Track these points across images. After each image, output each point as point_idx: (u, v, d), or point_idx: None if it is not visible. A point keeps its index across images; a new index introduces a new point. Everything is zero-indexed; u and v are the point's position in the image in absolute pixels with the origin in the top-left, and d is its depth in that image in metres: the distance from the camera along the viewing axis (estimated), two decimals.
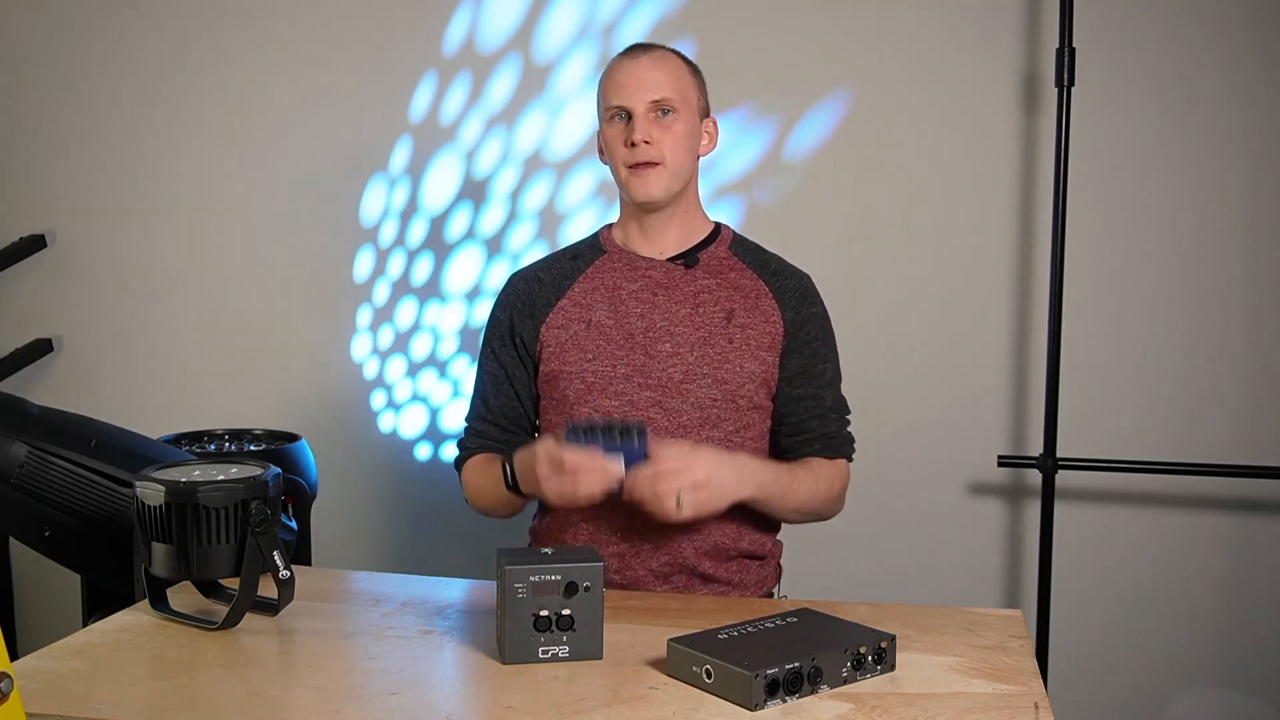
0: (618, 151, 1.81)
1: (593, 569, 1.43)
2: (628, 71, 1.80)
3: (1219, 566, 2.57)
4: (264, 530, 1.53)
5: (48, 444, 1.78)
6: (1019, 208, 2.59)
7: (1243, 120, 2.48)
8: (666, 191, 1.81)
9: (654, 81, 1.79)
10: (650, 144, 1.77)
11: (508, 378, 1.89)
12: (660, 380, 1.80)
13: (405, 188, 2.86)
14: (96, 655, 1.46)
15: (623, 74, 1.80)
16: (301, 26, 2.88)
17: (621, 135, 1.80)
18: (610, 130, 1.82)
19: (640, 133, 1.77)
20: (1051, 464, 2.46)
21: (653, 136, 1.78)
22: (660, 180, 1.80)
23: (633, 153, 1.78)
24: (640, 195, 1.81)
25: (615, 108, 1.80)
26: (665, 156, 1.79)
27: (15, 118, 3.06)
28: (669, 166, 1.80)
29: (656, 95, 1.78)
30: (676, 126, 1.79)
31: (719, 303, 1.84)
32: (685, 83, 1.82)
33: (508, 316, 1.90)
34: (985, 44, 2.56)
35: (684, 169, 1.82)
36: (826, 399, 1.87)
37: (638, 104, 1.78)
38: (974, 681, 1.39)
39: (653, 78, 1.79)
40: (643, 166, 1.79)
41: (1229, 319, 2.53)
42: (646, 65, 1.80)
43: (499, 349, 1.90)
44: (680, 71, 1.82)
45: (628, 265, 1.87)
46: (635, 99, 1.78)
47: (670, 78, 1.80)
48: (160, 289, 3.02)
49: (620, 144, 1.80)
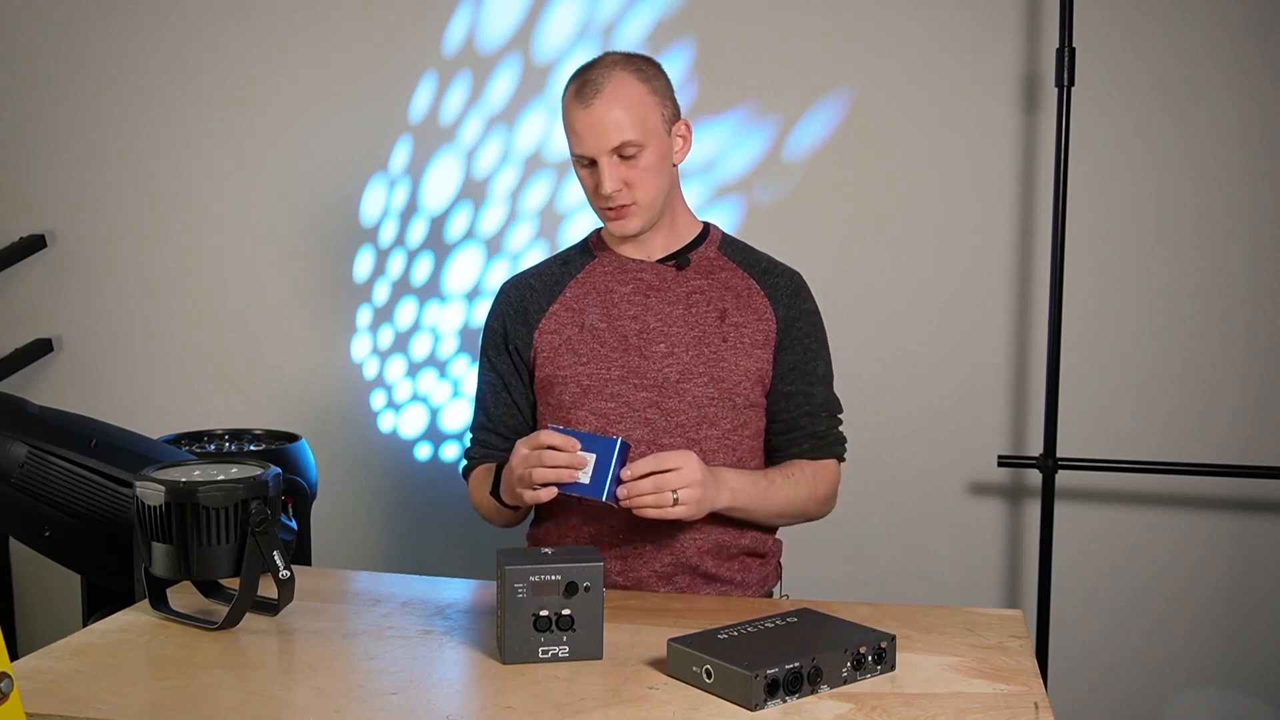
0: (591, 196, 1.80)
1: (593, 569, 1.43)
2: (583, 121, 1.73)
3: (1219, 566, 2.57)
4: (264, 530, 1.53)
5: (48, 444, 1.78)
6: (1019, 208, 2.59)
7: (1243, 120, 2.48)
8: (643, 225, 1.81)
9: (612, 125, 1.72)
10: (620, 190, 1.75)
11: (505, 386, 1.89)
12: (656, 381, 1.80)
13: (405, 188, 2.86)
14: (96, 655, 1.47)
15: (579, 123, 1.73)
16: (301, 26, 2.88)
17: (591, 180, 1.78)
18: (580, 170, 1.80)
19: (609, 184, 1.74)
20: (1051, 464, 2.46)
21: (620, 182, 1.75)
22: (636, 219, 1.79)
23: (605, 199, 1.77)
24: (619, 233, 1.82)
25: (578, 156, 1.77)
26: (636, 197, 1.77)
27: (15, 118, 3.06)
28: (642, 203, 1.78)
29: (616, 141, 1.72)
30: (644, 160, 1.75)
31: (711, 302, 1.84)
32: (646, 109, 1.74)
33: (501, 325, 1.90)
34: (985, 44, 2.56)
35: (659, 196, 1.80)
36: (817, 396, 1.87)
37: (599, 152, 1.74)
38: (974, 681, 1.39)
39: (610, 122, 1.72)
40: (615, 210, 1.78)
41: (1229, 319, 2.53)
42: (600, 109, 1.72)
43: (494, 358, 1.90)
44: (637, 99, 1.73)
45: (618, 268, 1.87)
46: (596, 148, 1.74)
47: (629, 115, 1.72)
48: (160, 289, 3.02)
49: (590, 189, 1.79)
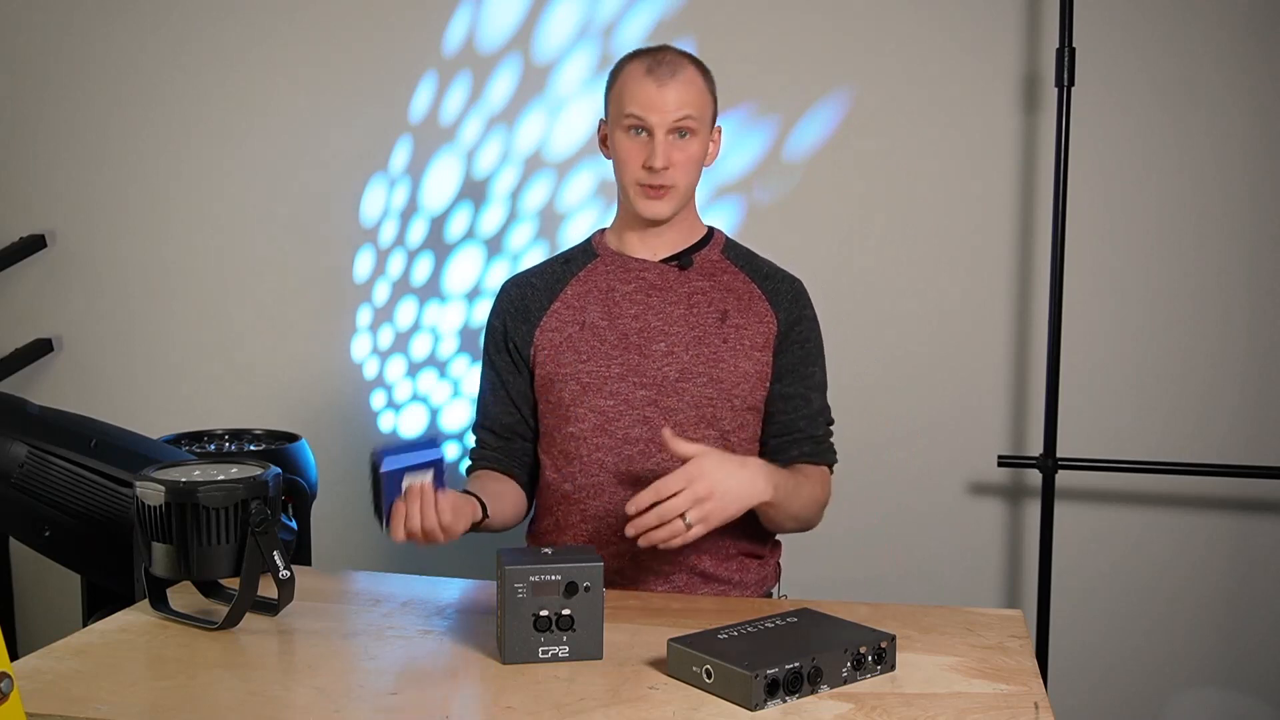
0: (632, 167, 1.78)
1: (593, 569, 1.43)
2: (655, 91, 1.74)
3: (1219, 566, 2.57)
4: (264, 530, 1.53)
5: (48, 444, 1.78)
6: (1019, 208, 2.59)
7: (1243, 120, 2.48)
8: (674, 211, 1.81)
9: (682, 101, 1.75)
10: (668, 169, 1.76)
11: (503, 384, 1.89)
12: (656, 379, 1.80)
13: (405, 188, 2.86)
14: (96, 655, 1.46)
15: (649, 91, 1.75)
16: (301, 26, 2.88)
17: (638, 151, 1.77)
18: (625, 140, 1.78)
19: (661, 158, 1.74)
20: (1051, 464, 2.46)
21: (670, 160, 1.76)
22: (670, 203, 1.80)
23: (650, 175, 1.77)
24: (649, 214, 1.80)
25: (636, 119, 1.76)
26: (678, 180, 1.78)
27: (15, 118, 3.06)
28: (680, 189, 1.79)
29: (679, 115, 1.75)
30: (692, 148, 1.77)
31: (713, 303, 1.84)
32: (705, 101, 1.79)
33: (502, 324, 1.89)
34: (985, 44, 2.56)
35: (692, 187, 1.82)
36: (814, 402, 1.87)
37: (660, 125, 1.75)
38: (974, 681, 1.39)
39: (680, 98, 1.75)
40: (656, 189, 1.78)
41: (1229, 319, 2.53)
42: (675, 86, 1.75)
43: (494, 356, 1.90)
44: (703, 90, 1.79)
45: (620, 267, 1.87)
46: (659, 119, 1.75)
47: (695, 98, 1.77)
48: (160, 289, 3.02)
49: (636, 161, 1.77)
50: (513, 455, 1.90)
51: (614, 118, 1.81)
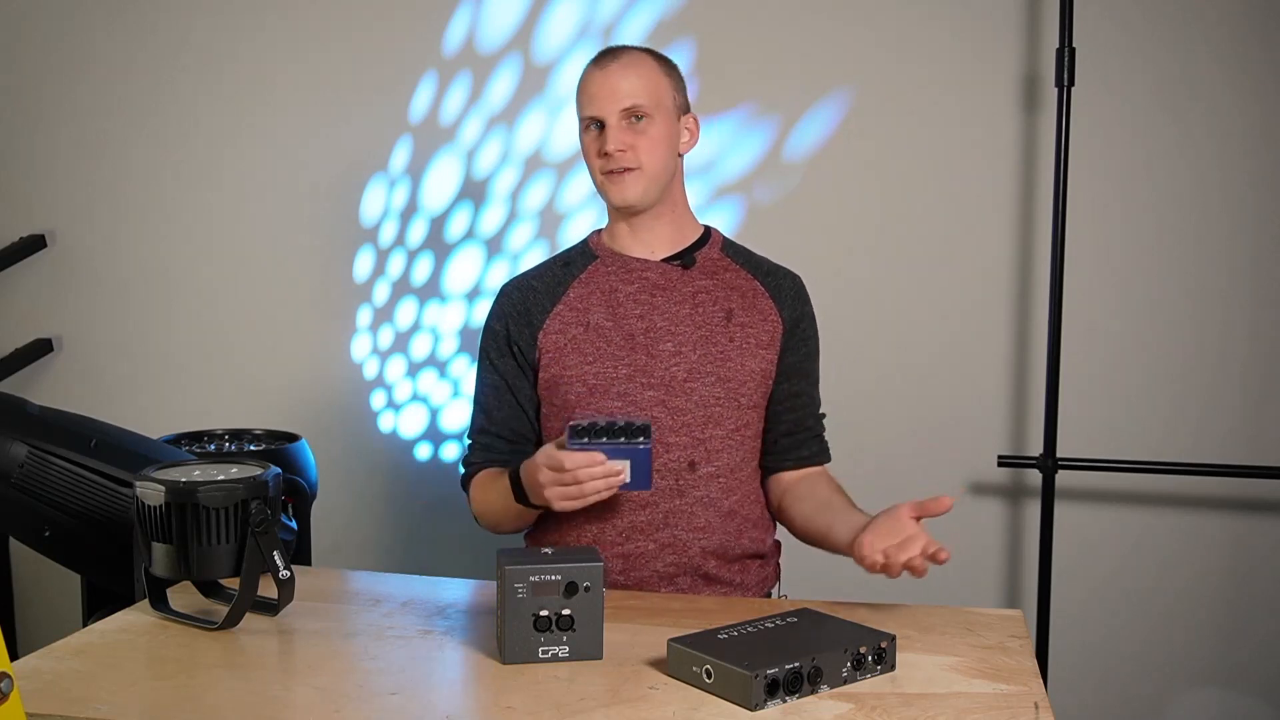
0: (592, 160, 1.81)
1: (593, 569, 1.43)
2: (598, 81, 1.79)
3: (1219, 566, 2.57)
4: (264, 530, 1.53)
5: (48, 444, 1.78)
6: (1019, 208, 2.59)
7: (1243, 120, 2.48)
8: (644, 194, 1.80)
9: (625, 89, 1.77)
10: (624, 151, 1.77)
11: (509, 388, 1.87)
12: (663, 379, 1.80)
13: (405, 188, 2.86)
14: (96, 655, 1.46)
15: (593, 84, 1.79)
16: (301, 27, 2.88)
17: (595, 144, 1.80)
18: (586, 139, 1.82)
19: (612, 142, 1.76)
20: (1051, 464, 2.46)
21: (625, 143, 1.77)
22: (637, 185, 1.79)
23: (606, 161, 1.78)
24: (617, 200, 1.81)
25: (588, 118, 1.80)
26: (641, 161, 1.78)
27: (15, 118, 3.06)
28: (645, 170, 1.79)
29: (628, 103, 1.76)
30: (652, 130, 1.78)
31: (717, 302, 1.84)
32: (658, 84, 1.80)
33: (503, 326, 1.88)
34: (985, 44, 2.56)
35: (663, 171, 1.81)
36: (816, 399, 1.92)
37: (609, 113, 1.77)
38: (974, 681, 1.39)
39: (624, 85, 1.77)
40: (617, 173, 1.79)
41: (1229, 319, 2.53)
42: (616, 73, 1.78)
43: (497, 359, 1.88)
44: (653, 73, 1.80)
45: (622, 268, 1.86)
46: (606, 108, 1.77)
47: (642, 82, 1.78)
48: (161, 289, 3.02)
49: (594, 153, 1.80)
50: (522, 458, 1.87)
51: (579, 123, 1.84)
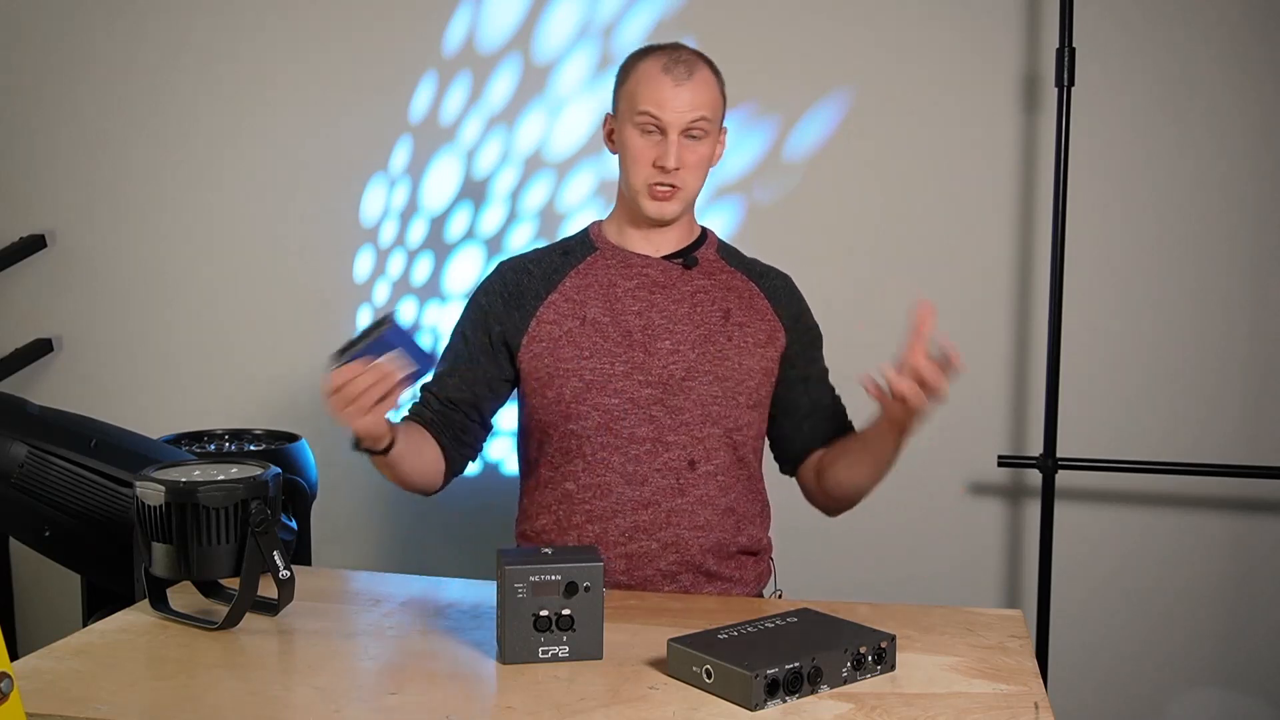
0: (642, 166, 1.78)
1: (593, 569, 1.43)
2: (672, 90, 1.75)
3: (1219, 566, 2.57)
4: (264, 530, 1.53)
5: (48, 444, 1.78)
6: (1019, 208, 2.59)
7: (1243, 120, 2.48)
8: (679, 213, 1.82)
9: (698, 103, 1.75)
10: (680, 170, 1.76)
11: (468, 359, 1.85)
12: (661, 377, 1.80)
13: (405, 188, 2.86)
14: (96, 655, 1.47)
15: (665, 89, 1.75)
16: (301, 27, 2.87)
17: (650, 150, 1.77)
18: (637, 138, 1.78)
19: (674, 159, 1.75)
20: (1051, 464, 2.46)
21: (682, 161, 1.76)
22: (678, 204, 1.80)
23: (660, 175, 1.77)
24: (656, 215, 1.80)
25: (650, 118, 1.76)
26: (686, 181, 1.78)
27: (15, 118, 3.06)
28: (688, 190, 1.80)
29: (697, 115, 1.75)
30: (702, 149, 1.78)
31: (716, 302, 1.85)
32: (718, 102, 1.80)
33: (488, 303, 1.86)
34: (985, 44, 2.56)
35: (698, 189, 1.83)
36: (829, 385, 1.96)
37: (674, 125, 1.75)
38: (974, 681, 1.40)
39: (697, 99, 1.76)
40: (665, 190, 1.78)
41: (1230, 318, 2.53)
42: (692, 87, 1.75)
43: (469, 332, 1.87)
44: (717, 92, 1.80)
45: (621, 263, 1.86)
46: (674, 119, 1.75)
47: (710, 100, 1.77)
48: (160, 289, 3.02)
49: (647, 160, 1.77)
50: (448, 423, 1.85)
51: (625, 114, 1.80)
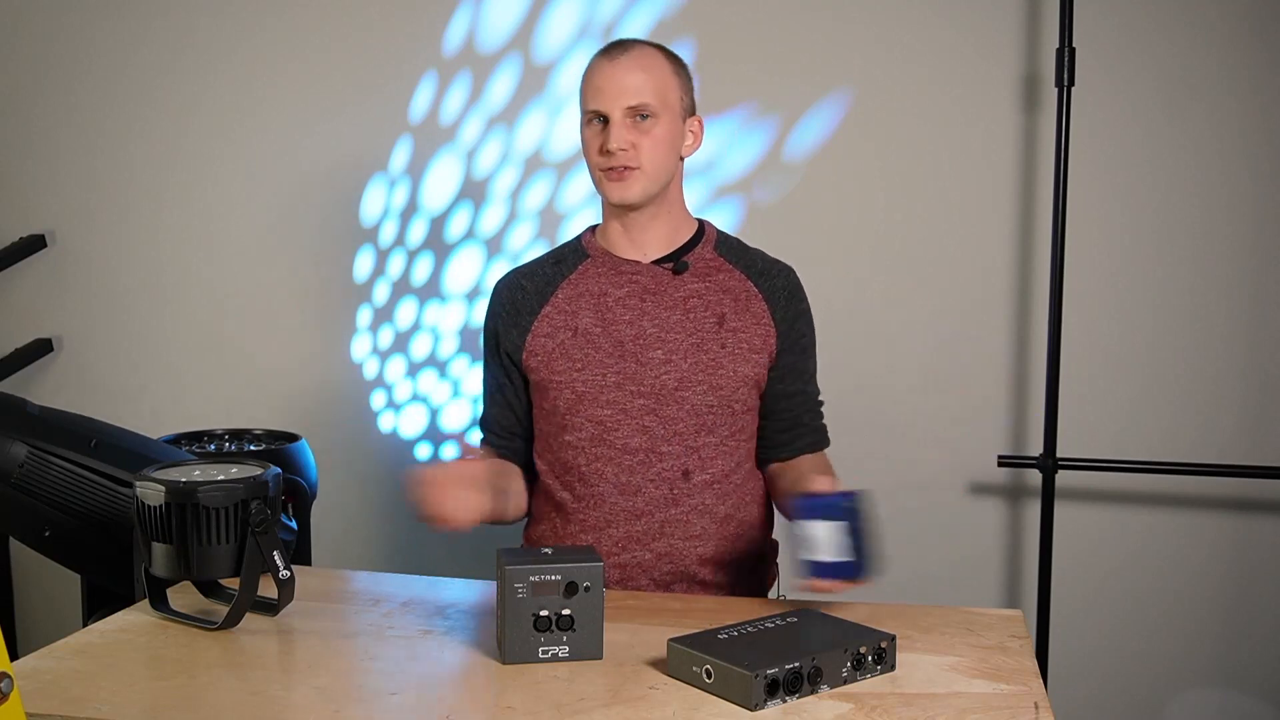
0: (592, 155, 1.77)
1: (593, 569, 1.43)
2: (605, 75, 1.74)
3: (1220, 566, 2.57)
4: (264, 530, 1.53)
5: (48, 444, 1.78)
6: (1019, 208, 2.59)
7: (1244, 119, 2.48)
8: (643, 194, 1.76)
9: (633, 86, 1.72)
10: (626, 150, 1.72)
11: (499, 386, 1.89)
12: (653, 388, 1.77)
13: (405, 188, 2.86)
14: (96, 655, 1.46)
15: (600, 77, 1.74)
16: (301, 27, 2.87)
17: (597, 140, 1.75)
18: (587, 133, 1.77)
19: (615, 140, 1.72)
20: (1051, 464, 2.46)
21: (629, 142, 1.72)
22: (637, 184, 1.75)
23: (607, 159, 1.74)
24: (615, 198, 1.77)
25: (592, 111, 1.75)
26: (643, 161, 1.74)
27: (15, 118, 3.06)
28: (646, 170, 1.75)
29: (634, 101, 1.72)
30: (656, 131, 1.74)
31: (709, 307, 1.81)
32: (667, 84, 1.75)
33: (495, 326, 1.88)
34: (985, 44, 2.56)
35: (663, 172, 1.77)
36: (811, 393, 1.89)
37: (614, 109, 1.73)
38: (974, 681, 1.39)
39: (631, 81, 1.72)
40: (617, 172, 1.74)
41: (1230, 318, 2.53)
42: (625, 67, 1.73)
43: (490, 359, 1.90)
44: (662, 71, 1.75)
45: (612, 270, 1.83)
46: (612, 104, 1.73)
47: (651, 80, 1.73)
48: (160, 289, 3.02)
49: (595, 149, 1.76)
50: (516, 454, 1.91)
51: (581, 115, 1.80)
